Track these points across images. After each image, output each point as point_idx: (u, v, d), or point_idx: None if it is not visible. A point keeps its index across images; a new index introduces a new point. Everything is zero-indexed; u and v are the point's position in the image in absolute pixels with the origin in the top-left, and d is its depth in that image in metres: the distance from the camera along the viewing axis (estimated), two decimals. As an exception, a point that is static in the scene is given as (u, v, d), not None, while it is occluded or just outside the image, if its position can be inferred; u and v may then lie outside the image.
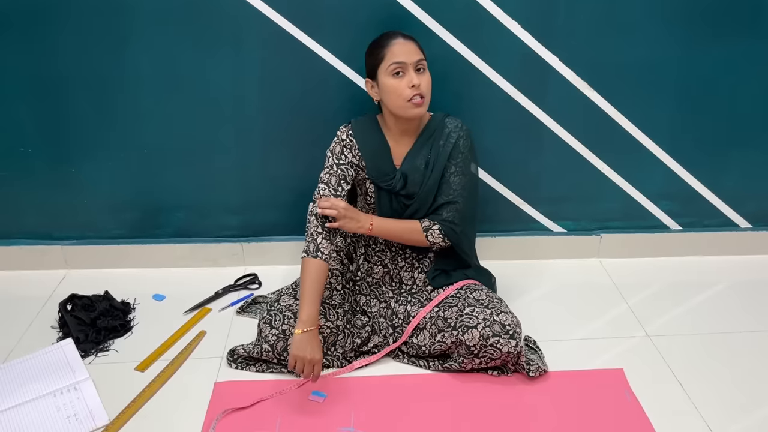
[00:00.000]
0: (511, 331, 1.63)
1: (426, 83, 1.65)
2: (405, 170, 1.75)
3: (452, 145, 1.74)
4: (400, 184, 1.75)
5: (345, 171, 1.73)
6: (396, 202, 1.79)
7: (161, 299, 2.02)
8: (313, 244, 1.66)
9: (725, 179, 2.14)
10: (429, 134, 1.76)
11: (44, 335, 1.86)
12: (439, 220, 1.74)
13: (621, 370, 1.72)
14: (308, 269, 1.63)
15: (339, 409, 1.59)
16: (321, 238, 1.67)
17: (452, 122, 1.76)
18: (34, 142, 1.98)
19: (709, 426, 1.55)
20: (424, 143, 1.76)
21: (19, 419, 1.54)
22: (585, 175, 2.10)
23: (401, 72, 1.63)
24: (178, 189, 2.07)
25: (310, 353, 1.53)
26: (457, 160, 1.75)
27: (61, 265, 2.16)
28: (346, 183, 1.73)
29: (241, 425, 1.54)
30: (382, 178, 1.76)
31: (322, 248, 1.65)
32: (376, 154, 1.76)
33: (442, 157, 1.74)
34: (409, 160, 1.75)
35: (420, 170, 1.75)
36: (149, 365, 1.74)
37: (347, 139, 1.76)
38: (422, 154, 1.75)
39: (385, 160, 1.76)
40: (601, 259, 2.24)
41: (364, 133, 1.76)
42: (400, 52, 1.62)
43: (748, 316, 1.95)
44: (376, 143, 1.76)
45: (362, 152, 1.75)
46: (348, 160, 1.74)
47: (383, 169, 1.76)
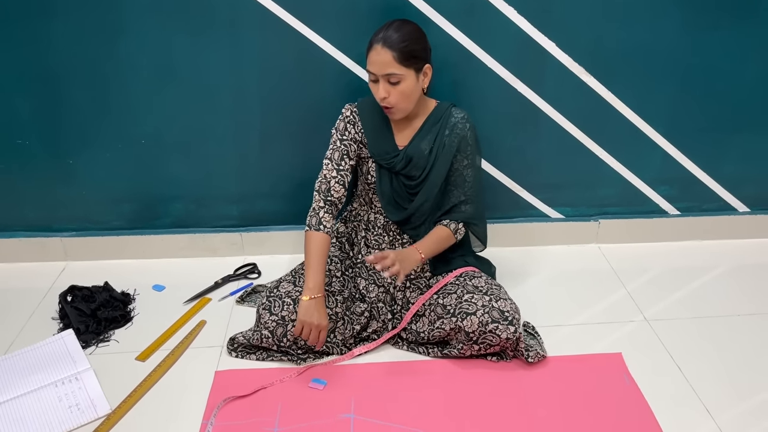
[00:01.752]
0: (510, 317, 1.64)
1: (397, 95, 1.62)
2: (410, 152, 1.76)
3: (461, 138, 1.75)
4: (401, 164, 1.75)
5: (348, 146, 1.76)
6: (397, 183, 1.79)
7: (161, 290, 2.03)
8: (315, 218, 1.72)
9: (723, 164, 2.14)
10: (434, 121, 1.76)
11: (45, 327, 1.86)
12: (462, 219, 1.78)
13: (619, 354, 1.72)
14: (312, 241, 1.69)
15: (339, 395, 1.60)
16: (323, 212, 1.72)
17: (458, 113, 1.77)
18: (31, 135, 1.98)
19: (707, 409, 1.56)
20: (430, 129, 1.76)
21: (21, 410, 1.55)
22: (583, 160, 2.10)
23: (375, 79, 1.64)
24: (177, 179, 2.07)
25: (317, 319, 1.60)
26: (467, 152, 1.76)
27: (60, 256, 2.16)
28: (348, 158, 1.76)
29: (242, 413, 1.55)
30: (383, 156, 1.77)
31: (324, 222, 1.71)
32: (379, 133, 1.77)
33: (448, 149, 1.75)
34: (415, 143, 1.76)
35: (424, 155, 1.75)
36: (150, 355, 1.74)
37: (351, 115, 1.78)
38: (428, 140, 1.76)
39: (387, 139, 1.77)
40: (599, 245, 2.25)
41: (368, 111, 1.77)
42: (372, 62, 1.61)
43: (746, 300, 1.96)
44: (379, 122, 1.77)
45: (365, 129, 1.76)
46: (351, 136, 1.76)
47: (385, 147, 1.77)
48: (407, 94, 1.63)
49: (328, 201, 1.74)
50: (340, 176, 1.75)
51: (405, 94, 1.63)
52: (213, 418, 1.52)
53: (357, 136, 1.78)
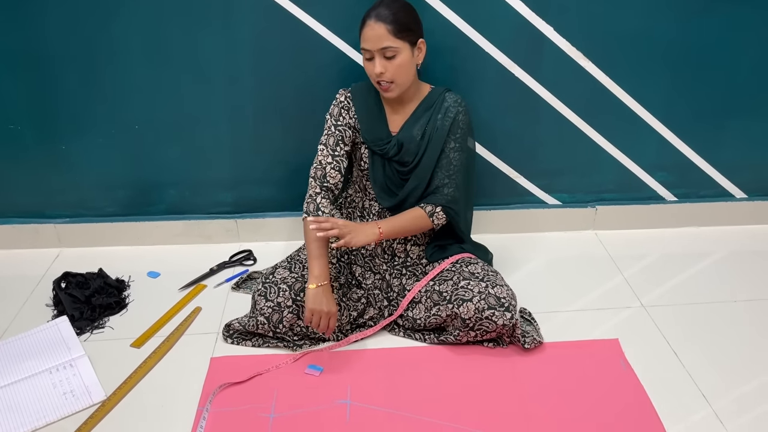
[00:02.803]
0: (506, 303, 1.63)
1: (393, 69, 1.60)
2: (401, 138, 1.74)
3: (451, 120, 1.72)
4: (393, 151, 1.74)
5: (343, 132, 1.74)
6: (389, 169, 1.78)
7: (156, 276, 2.02)
8: (313, 204, 1.70)
9: (721, 149, 2.13)
10: (428, 106, 1.75)
11: (39, 313, 1.85)
12: (441, 203, 1.72)
13: (616, 340, 1.72)
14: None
15: (335, 381, 1.59)
16: (321, 198, 1.71)
17: (451, 97, 1.74)
18: (23, 120, 1.96)
19: (703, 394, 1.56)
20: (422, 114, 1.75)
21: (16, 396, 1.54)
22: (580, 146, 2.09)
23: (370, 56, 1.61)
24: (171, 165, 2.06)
25: (326, 306, 1.59)
26: (457, 135, 1.73)
27: (54, 243, 2.15)
28: (343, 144, 1.74)
29: (238, 399, 1.54)
30: (376, 143, 1.75)
31: (322, 207, 1.69)
32: (372, 118, 1.75)
33: (440, 132, 1.73)
34: (407, 129, 1.74)
35: (416, 141, 1.74)
36: (145, 342, 1.74)
37: (345, 101, 1.76)
38: (419, 125, 1.74)
39: (381, 125, 1.76)
40: (596, 231, 2.24)
41: (362, 97, 1.76)
42: (367, 38, 1.59)
43: (743, 286, 1.96)
44: (373, 108, 1.76)
45: (359, 115, 1.75)
46: (345, 122, 1.75)
47: (378, 133, 1.75)
48: (404, 68, 1.62)
49: (324, 187, 1.73)
50: (336, 162, 1.74)
51: (402, 68, 1.61)
52: (209, 405, 1.52)
53: (351, 122, 1.76)
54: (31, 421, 1.48)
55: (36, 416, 1.49)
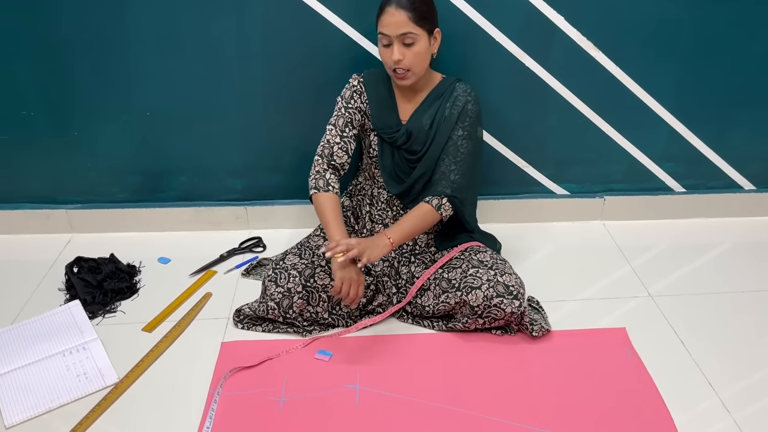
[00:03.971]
0: (515, 291, 1.64)
1: (411, 57, 1.61)
2: (410, 127, 1.75)
3: (460, 109, 1.73)
4: (402, 139, 1.75)
5: (353, 115, 1.76)
6: (398, 157, 1.79)
7: (166, 262, 2.03)
8: (322, 179, 1.72)
9: (729, 141, 2.13)
10: (437, 95, 1.75)
11: (51, 297, 1.87)
12: (447, 193, 1.72)
13: (623, 329, 1.73)
14: (325, 202, 1.69)
15: (345, 367, 1.61)
16: (329, 174, 1.73)
17: (461, 87, 1.75)
18: (36, 106, 1.97)
19: (711, 384, 1.57)
20: (432, 104, 1.76)
21: (30, 378, 1.57)
22: (589, 137, 2.09)
23: (389, 42, 1.62)
24: (181, 152, 2.07)
25: (354, 272, 1.61)
26: (465, 123, 1.74)
27: (65, 229, 2.17)
28: (352, 126, 1.76)
29: (249, 383, 1.56)
30: (386, 130, 1.76)
31: (332, 182, 1.72)
32: (383, 105, 1.76)
33: (449, 121, 1.73)
34: (416, 118, 1.75)
35: (424, 130, 1.75)
36: (157, 326, 1.75)
37: (358, 85, 1.78)
38: (429, 114, 1.75)
39: (391, 112, 1.77)
40: (604, 222, 2.25)
41: (374, 83, 1.77)
42: (387, 24, 1.59)
43: (751, 277, 1.96)
44: (384, 95, 1.77)
45: (370, 101, 1.76)
46: (356, 105, 1.77)
47: (388, 121, 1.76)
48: (421, 56, 1.63)
49: (331, 165, 1.74)
50: (344, 143, 1.75)
51: (419, 56, 1.62)
52: (220, 388, 1.53)
53: (362, 107, 1.78)
54: (45, 402, 1.50)
55: (50, 397, 1.52)
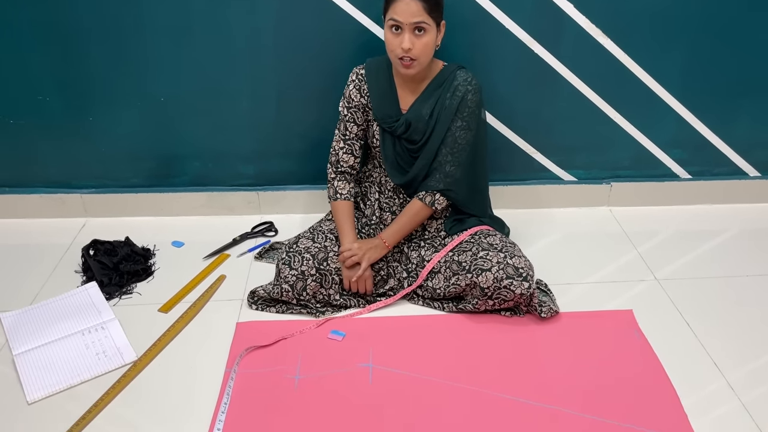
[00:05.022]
0: (524, 273, 1.67)
1: (421, 47, 1.63)
2: (410, 117, 1.77)
3: (459, 99, 1.74)
4: (402, 129, 1.77)
5: (354, 114, 1.82)
6: (399, 146, 1.82)
7: (180, 246, 2.07)
8: (331, 189, 1.87)
9: (736, 128, 2.16)
10: (438, 84, 1.77)
11: (68, 279, 1.91)
12: (440, 188, 1.78)
13: (630, 311, 1.76)
14: (336, 209, 1.86)
15: (357, 346, 1.64)
16: (337, 182, 1.87)
17: (462, 75, 1.76)
18: (52, 92, 2.00)
19: (716, 365, 1.59)
20: (432, 93, 1.77)
21: (51, 356, 1.60)
22: (597, 123, 2.12)
23: (398, 29, 1.63)
24: (194, 138, 2.10)
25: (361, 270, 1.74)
26: (464, 114, 1.75)
27: (80, 213, 2.20)
28: (356, 125, 1.84)
29: (264, 362, 1.60)
30: (386, 120, 1.79)
31: (340, 190, 1.85)
32: (383, 96, 1.79)
33: (448, 111, 1.75)
34: (416, 108, 1.77)
35: (424, 120, 1.77)
36: (172, 307, 1.79)
37: (356, 79, 1.81)
38: (429, 104, 1.77)
39: (391, 102, 1.79)
40: (611, 208, 2.27)
41: (375, 72, 1.79)
42: (400, 11, 1.60)
43: (755, 262, 1.98)
44: (385, 85, 1.79)
45: (370, 91, 1.79)
46: (356, 102, 1.81)
47: (388, 111, 1.79)
48: (429, 46, 1.65)
49: (339, 171, 1.85)
50: (347, 146, 1.83)
51: (428, 46, 1.64)
52: (236, 366, 1.57)
53: (362, 101, 1.81)
54: (66, 379, 1.54)
55: (71, 374, 1.55)
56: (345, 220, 1.82)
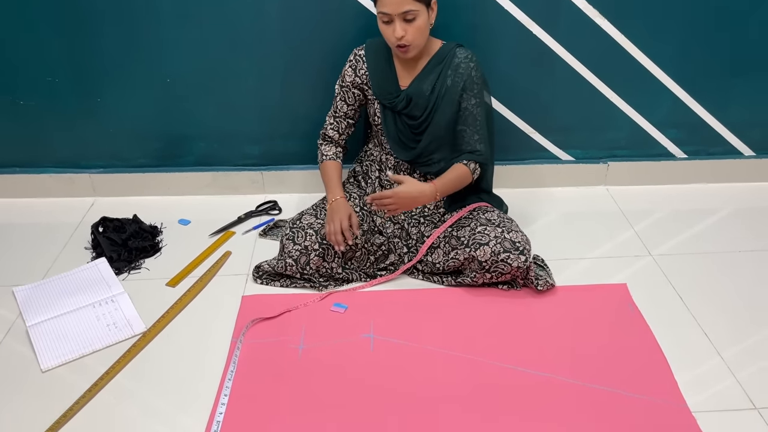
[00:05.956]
0: (521, 247, 1.72)
1: (413, 32, 1.66)
2: (410, 93, 1.81)
3: (465, 77, 1.78)
4: (402, 104, 1.81)
5: (346, 93, 1.88)
6: (401, 122, 1.86)
7: (186, 224, 2.12)
8: (319, 154, 1.96)
9: (731, 108, 2.19)
10: (438, 61, 1.80)
11: (78, 256, 1.97)
12: (480, 161, 1.82)
13: (624, 285, 1.81)
14: (324, 169, 1.92)
15: (359, 318, 1.70)
16: (323, 147, 1.95)
17: (462, 53, 1.80)
18: (61, 73, 2.05)
19: (707, 335, 1.64)
20: (433, 69, 1.80)
21: (64, 327, 1.66)
22: (594, 103, 2.15)
23: (389, 20, 1.67)
24: (200, 119, 2.15)
25: (342, 211, 1.78)
26: (475, 91, 1.80)
27: (89, 192, 2.25)
28: (346, 104, 1.90)
29: (269, 332, 1.65)
30: (386, 96, 1.83)
31: (325, 152, 1.95)
32: (382, 74, 1.83)
33: (453, 90, 1.79)
34: (416, 84, 1.81)
35: (425, 95, 1.80)
36: (180, 281, 1.85)
37: (354, 59, 1.85)
38: (430, 80, 1.80)
39: (390, 80, 1.83)
40: (608, 187, 2.31)
41: (374, 52, 1.84)
42: (387, 3, 1.63)
43: (751, 241, 2.01)
44: (384, 64, 1.83)
45: (369, 70, 1.83)
46: (350, 81, 1.86)
47: (387, 88, 1.83)
48: (422, 29, 1.69)
49: (326, 138, 1.95)
50: (336, 122, 1.91)
51: (421, 29, 1.68)
52: (242, 336, 1.63)
53: (357, 80, 1.85)
54: (79, 348, 1.60)
55: (84, 344, 1.61)
56: (331, 177, 1.87)
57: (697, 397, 1.47)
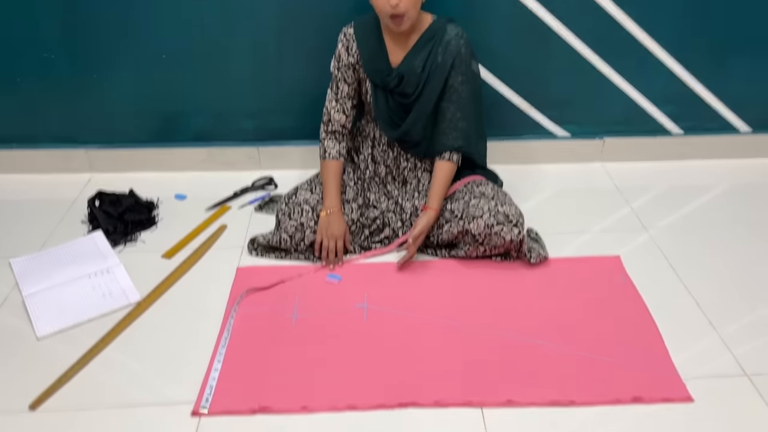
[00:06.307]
0: (515, 220, 1.72)
1: (406, 2, 1.64)
2: (402, 71, 1.80)
3: (454, 55, 1.77)
4: (394, 83, 1.81)
5: (344, 73, 1.85)
6: (392, 101, 1.85)
7: (183, 198, 2.13)
8: (322, 148, 1.91)
9: (727, 83, 2.18)
10: (429, 38, 1.79)
11: (74, 230, 1.97)
12: (456, 146, 1.82)
13: (618, 257, 1.82)
14: (323, 168, 1.89)
15: (354, 289, 1.71)
16: (327, 142, 1.90)
17: (452, 29, 1.78)
18: (57, 49, 2.05)
19: (700, 306, 1.64)
20: (424, 46, 1.79)
21: (60, 296, 1.68)
22: (590, 79, 2.15)
23: None
24: (196, 94, 2.15)
25: (334, 229, 1.78)
26: (462, 68, 1.79)
27: (86, 168, 2.26)
28: (347, 84, 1.86)
29: (263, 303, 1.66)
30: (377, 75, 1.82)
31: (329, 149, 1.89)
32: (373, 52, 1.81)
33: (442, 67, 1.77)
34: (408, 61, 1.80)
35: (416, 73, 1.79)
36: (175, 253, 1.86)
37: (345, 38, 1.83)
38: (420, 57, 1.79)
39: (381, 58, 1.81)
40: (603, 163, 2.31)
41: (363, 30, 1.82)
42: None
43: (747, 217, 2.01)
44: (374, 41, 1.81)
45: (360, 49, 1.81)
46: (345, 62, 1.84)
47: (378, 66, 1.81)
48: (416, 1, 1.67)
49: (329, 131, 1.90)
50: (339, 105, 1.87)
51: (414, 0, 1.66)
52: (236, 305, 1.64)
53: (351, 60, 1.84)
54: (75, 317, 1.61)
55: (79, 313, 1.63)
56: (330, 181, 1.85)
57: (688, 365, 1.47)
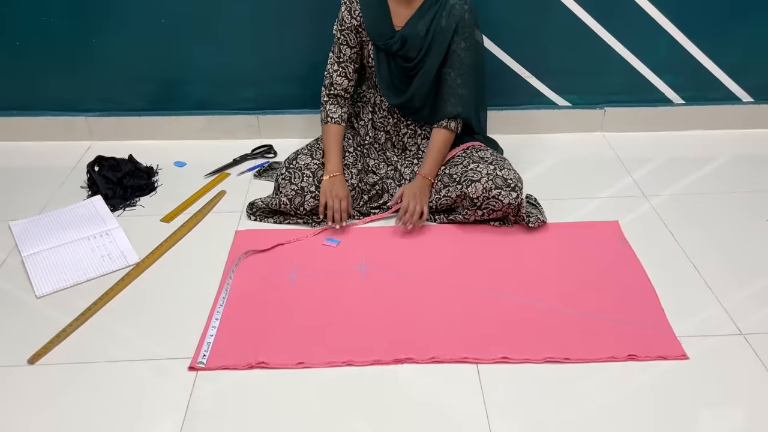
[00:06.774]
0: (513, 184, 1.72)
1: None
2: (405, 33, 1.79)
3: (458, 20, 1.76)
4: (397, 46, 1.80)
5: (347, 36, 1.84)
6: (394, 65, 1.84)
7: (182, 165, 2.13)
8: (323, 112, 1.90)
9: (729, 52, 2.17)
10: (433, 2, 1.78)
11: (74, 195, 1.98)
12: (456, 113, 1.82)
13: (616, 221, 1.82)
14: (325, 132, 1.89)
15: (351, 252, 1.71)
16: (329, 105, 1.89)
17: None
18: (55, 12, 2.04)
19: (706, 282, 1.61)
20: (428, 10, 1.78)
21: (59, 258, 1.68)
22: (592, 47, 2.13)
23: None
24: (196, 61, 2.14)
25: (337, 191, 1.77)
26: (465, 35, 1.78)
27: (85, 136, 2.26)
28: (349, 48, 1.85)
29: (261, 265, 1.67)
30: (380, 37, 1.81)
31: (331, 113, 1.88)
32: (376, 15, 1.80)
33: (445, 32, 1.77)
34: (411, 24, 1.79)
35: (420, 36, 1.78)
36: (174, 217, 1.86)
37: (347, 1, 1.82)
38: (424, 21, 1.78)
39: (385, 21, 1.80)
40: (604, 133, 2.30)
41: None
42: None
43: (748, 186, 2.00)
44: (377, 4, 1.80)
45: (363, 11, 1.80)
46: (348, 24, 1.82)
47: (381, 29, 1.80)
48: None
49: (331, 95, 1.88)
50: (341, 68, 1.86)
51: None
52: (235, 266, 1.64)
53: (354, 23, 1.82)
54: (73, 277, 1.62)
55: (78, 273, 1.63)
56: (332, 145, 1.85)
57: (684, 324, 1.48)
